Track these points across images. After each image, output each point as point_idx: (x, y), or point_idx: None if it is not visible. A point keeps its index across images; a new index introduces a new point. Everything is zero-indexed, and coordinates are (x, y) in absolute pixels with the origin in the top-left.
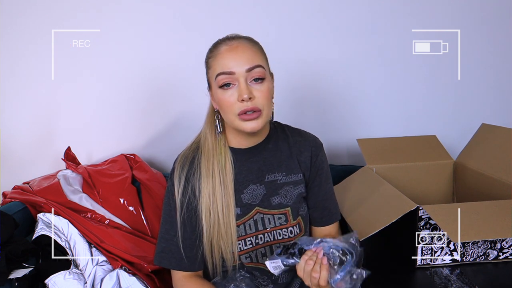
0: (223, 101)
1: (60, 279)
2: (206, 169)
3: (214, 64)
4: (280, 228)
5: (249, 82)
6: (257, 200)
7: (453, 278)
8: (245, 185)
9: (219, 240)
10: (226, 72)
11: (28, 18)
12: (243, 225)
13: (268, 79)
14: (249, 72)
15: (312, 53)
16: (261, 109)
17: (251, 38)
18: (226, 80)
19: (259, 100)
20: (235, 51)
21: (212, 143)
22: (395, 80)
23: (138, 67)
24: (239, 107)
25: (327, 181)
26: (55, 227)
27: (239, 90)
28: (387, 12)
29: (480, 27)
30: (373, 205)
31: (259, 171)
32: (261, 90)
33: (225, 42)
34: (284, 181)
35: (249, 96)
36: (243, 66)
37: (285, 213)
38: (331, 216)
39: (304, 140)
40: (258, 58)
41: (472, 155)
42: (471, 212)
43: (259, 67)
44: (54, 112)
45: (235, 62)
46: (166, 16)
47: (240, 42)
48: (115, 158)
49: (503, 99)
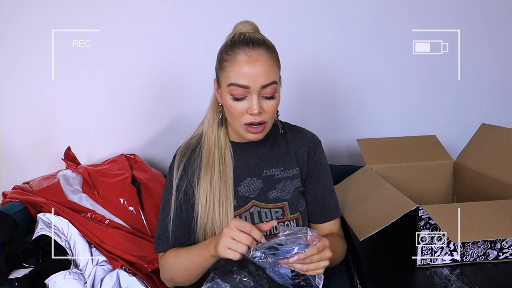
0: (231, 109)
1: (60, 279)
2: (206, 158)
3: (229, 70)
4: (277, 222)
5: (261, 96)
6: (254, 194)
7: (453, 278)
8: (242, 178)
9: (213, 227)
10: (241, 85)
11: (28, 18)
12: (239, 217)
13: (278, 91)
14: (263, 88)
15: (311, 53)
16: (267, 121)
17: (269, 45)
18: (238, 92)
19: (267, 115)
20: (254, 65)
21: (214, 134)
22: (395, 80)
23: (138, 67)
24: (247, 119)
25: (326, 177)
26: (55, 227)
27: (250, 104)
28: (387, 12)
29: (480, 27)
30: (373, 205)
31: (256, 165)
32: (270, 105)
33: (244, 50)
34: (281, 176)
35: (259, 112)
36: (259, 82)
37: (282, 207)
38: (331, 213)
39: (302, 136)
40: (274, 72)
41: (472, 155)
42: (471, 212)
43: (274, 83)
44: (54, 112)
45: (251, 77)
46: (166, 17)
47: (260, 54)
48: (115, 158)
49: (503, 99)
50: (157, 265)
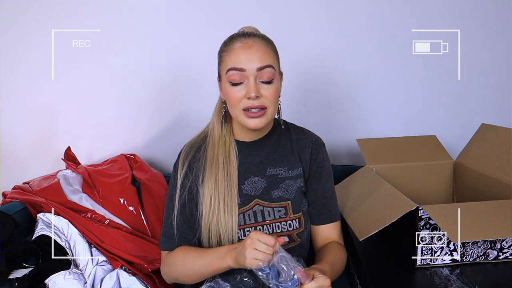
0: (230, 96)
1: (60, 279)
2: (211, 157)
3: (226, 59)
4: (279, 221)
5: (258, 81)
6: (257, 192)
7: (453, 278)
8: (246, 177)
9: (218, 226)
10: (237, 68)
11: (28, 18)
12: (242, 215)
13: (277, 79)
14: (259, 71)
15: (311, 53)
16: (266, 107)
17: (266, 37)
18: (236, 76)
19: (266, 99)
20: (249, 49)
21: (219, 133)
22: (395, 80)
23: (138, 67)
24: (245, 103)
25: (328, 180)
26: (55, 227)
27: (248, 88)
28: (387, 12)
29: (480, 27)
30: (373, 205)
31: (260, 164)
32: (269, 90)
33: (240, 39)
34: (285, 175)
35: (256, 95)
36: (255, 65)
37: (285, 206)
38: (330, 215)
39: (306, 138)
40: (270, 58)
41: (472, 155)
42: (471, 212)
43: (270, 67)
44: (54, 112)
45: (247, 59)
46: (166, 17)
47: (255, 41)
48: (115, 158)
49: (503, 99)
50: (157, 265)
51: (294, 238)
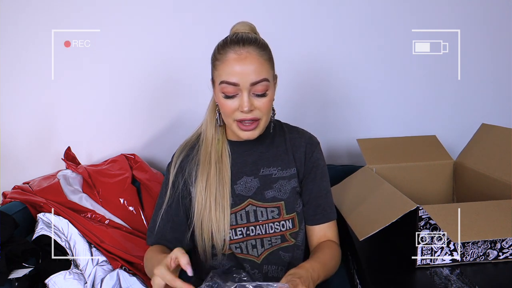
0: (223, 106)
1: (60, 279)
2: (203, 156)
3: (220, 69)
4: (272, 222)
5: (252, 94)
6: (250, 192)
7: (453, 278)
8: (239, 177)
9: (210, 225)
10: (230, 82)
11: (28, 18)
12: (234, 215)
13: (271, 89)
14: (253, 85)
15: (311, 53)
16: (259, 118)
17: (261, 43)
18: (229, 89)
19: (259, 111)
20: (243, 62)
21: (212, 134)
22: (395, 80)
23: (138, 67)
24: (238, 116)
25: (323, 179)
26: (55, 227)
27: (241, 101)
28: (387, 12)
29: (480, 27)
30: (373, 205)
31: (254, 164)
32: (262, 101)
33: (234, 49)
34: (279, 175)
35: (249, 109)
36: (248, 80)
37: (278, 206)
38: (325, 215)
39: (300, 137)
40: (264, 70)
41: (472, 155)
42: (471, 212)
43: (264, 81)
44: (54, 112)
45: (241, 74)
46: (166, 17)
47: (249, 52)
48: (115, 158)
49: (503, 99)
50: None
51: (288, 238)
